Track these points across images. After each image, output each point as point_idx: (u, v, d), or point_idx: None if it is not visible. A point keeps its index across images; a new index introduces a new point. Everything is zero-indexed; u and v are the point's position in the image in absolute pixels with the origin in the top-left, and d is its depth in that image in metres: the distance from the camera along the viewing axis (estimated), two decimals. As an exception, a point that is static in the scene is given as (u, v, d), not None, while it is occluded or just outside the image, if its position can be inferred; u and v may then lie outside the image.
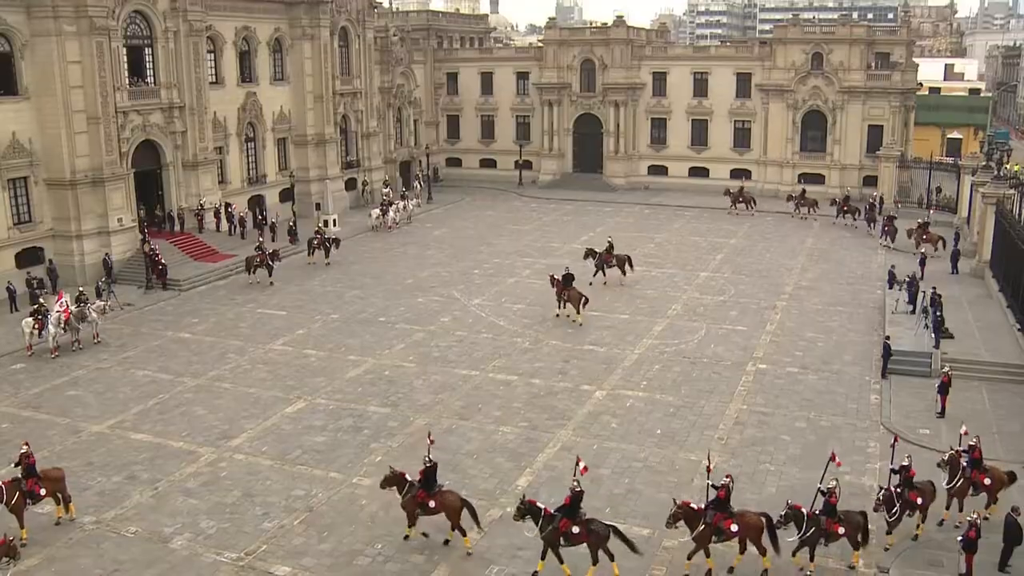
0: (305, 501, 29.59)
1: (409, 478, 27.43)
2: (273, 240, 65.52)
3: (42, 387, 40.47)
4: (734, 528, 25.29)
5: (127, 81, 59.22)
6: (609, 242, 58.10)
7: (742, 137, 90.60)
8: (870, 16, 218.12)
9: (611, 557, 25.16)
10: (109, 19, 56.18)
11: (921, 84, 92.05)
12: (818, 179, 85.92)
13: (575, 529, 24.96)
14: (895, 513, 26.55)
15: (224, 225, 66.47)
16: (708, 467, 26.81)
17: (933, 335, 42.43)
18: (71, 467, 31.26)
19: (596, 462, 32.22)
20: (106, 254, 56.80)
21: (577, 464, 26.29)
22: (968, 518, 25.35)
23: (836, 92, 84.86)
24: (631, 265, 56.39)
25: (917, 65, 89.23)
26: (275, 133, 76.31)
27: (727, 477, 26.44)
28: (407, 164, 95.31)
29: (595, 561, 25.13)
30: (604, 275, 56.18)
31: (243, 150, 73.20)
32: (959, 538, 25.29)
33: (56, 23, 53.98)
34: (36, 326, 44.18)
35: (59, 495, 28.43)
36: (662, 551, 26.54)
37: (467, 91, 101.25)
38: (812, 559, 25.64)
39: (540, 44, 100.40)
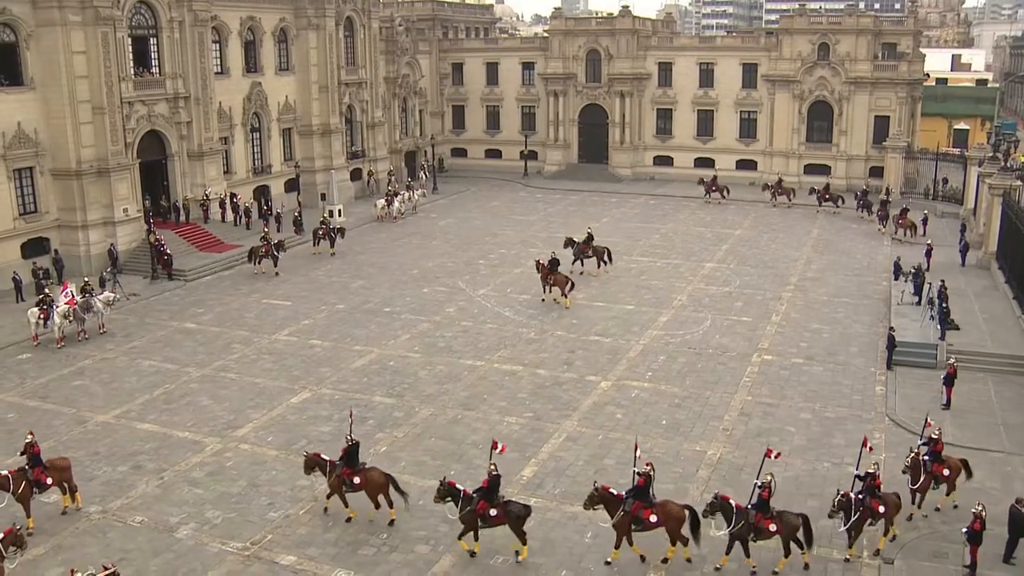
0: (310, 491, 29.64)
1: (327, 458, 28.21)
2: (278, 230, 65.58)
3: (48, 377, 40.56)
4: (653, 518, 25.26)
5: (132, 71, 59.20)
6: (588, 232, 58.23)
7: (748, 128, 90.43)
8: (877, 6, 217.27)
9: (524, 540, 25.78)
10: (114, 9, 56.13)
11: (928, 75, 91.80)
12: (824, 170, 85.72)
13: (492, 511, 25.66)
14: (854, 521, 25.65)
15: (229, 215, 66.53)
16: (636, 453, 26.79)
17: (939, 326, 42.37)
18: (77, 457, 31.37)
19: (601, 452, 32.28)
20: (111, 244, 56.88)
21: (494, 448, 26.93)
22: (973, 510, 25.26)
23: (842, 83, 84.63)
24: (609, 258, 56.49)
25: (924, 55, 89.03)
26: (280, 123, 76.27)
27: (648, 465, 26.22)
28: (412, 154, 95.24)
29: (524, 542, 25.85)
30: (582, 264, 56.43)
31: (248, 140, 73.20)
32: (964, 530, 25.29)
33: (61, 13, 53.94)
34: (41, 316, 44.29)
35: (65, 484, 28.54)
36: (664, 540, 26.47)
37: (472, 81, 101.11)
38: (747, 555, 25.38)
39: (545, 34, 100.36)
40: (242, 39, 71.59)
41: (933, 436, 28.68)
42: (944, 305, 43.04)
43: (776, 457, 26.45)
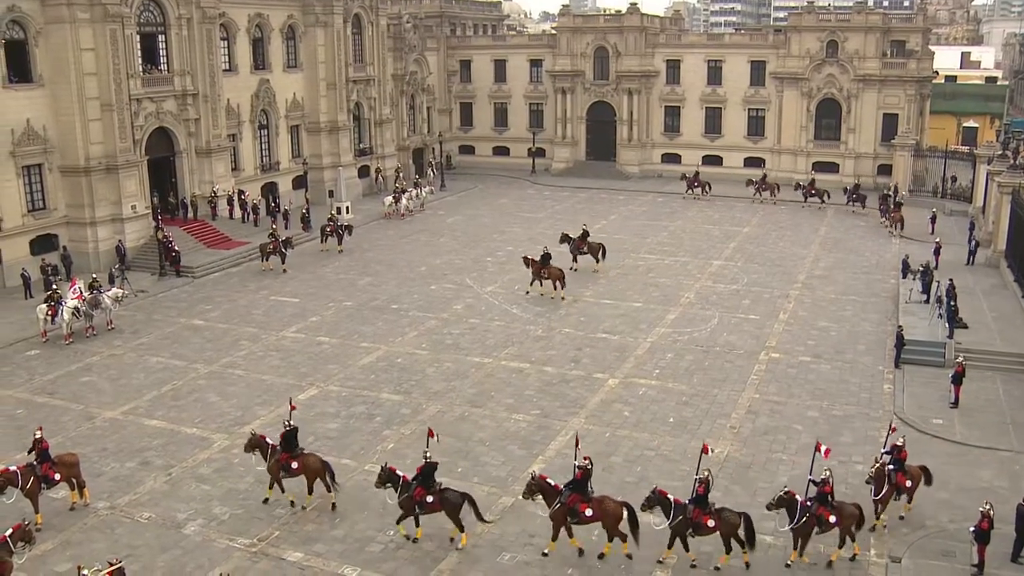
0: (318, 487, 29.60)
1: (270, 442, 28.75)
2: (286, 227, 65.63)
3: (56, 373, 40.68)
4: (589, 512, 25.39)
5: (141, 68, 59.28)
6: (584, 229, 58.36)
7: (756, 125, 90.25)
8: (886, 3, 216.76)
9: (461, 527, 26.27)
10: (123, 6, 56.21)
11: (937, 72, 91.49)
12: (832, 167, 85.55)
13: (429, 498, 26.18)
14: (799, 525, 25.15)
15: (237, 212, 66.58)
16: (577, 446, 26.93)
17: (947, 325, 42.26)
18: (85, 453, 31.45)
19: (608, 450, 32.26)
20: (120, 241, 57.01)
21: (430, 436, 27.80)
22: (981, 509, 25.17)
23: (851, 80, 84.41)
24: (604, 255, 56.68)
25: (933, 53, 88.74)
26: (288, 120, 76.35)
27: (586, 459, 26.25)
28: (420, 151, 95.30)
29: (461, 528, 26.34)
30: (576, 261, 56.69)
31: (256, 137, 73.29)
32: (971, 529, 25.22)
33: (70, 10, 54.05)
34: (50, 313, 44.38)
35: (73, 480, 28.64)
36: (666, 538, 26.47)
37: (480, 78, 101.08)
38: (687, 549, 25.43)
39: (554, 31, 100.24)
40: (250, 36, 71.68)
41: (897, 444, 28.02)
42: (952, 303, 42.92)
43: (711, 453, 26.60)
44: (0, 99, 52.67)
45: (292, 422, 29.28)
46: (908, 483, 27.55)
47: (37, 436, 28.50)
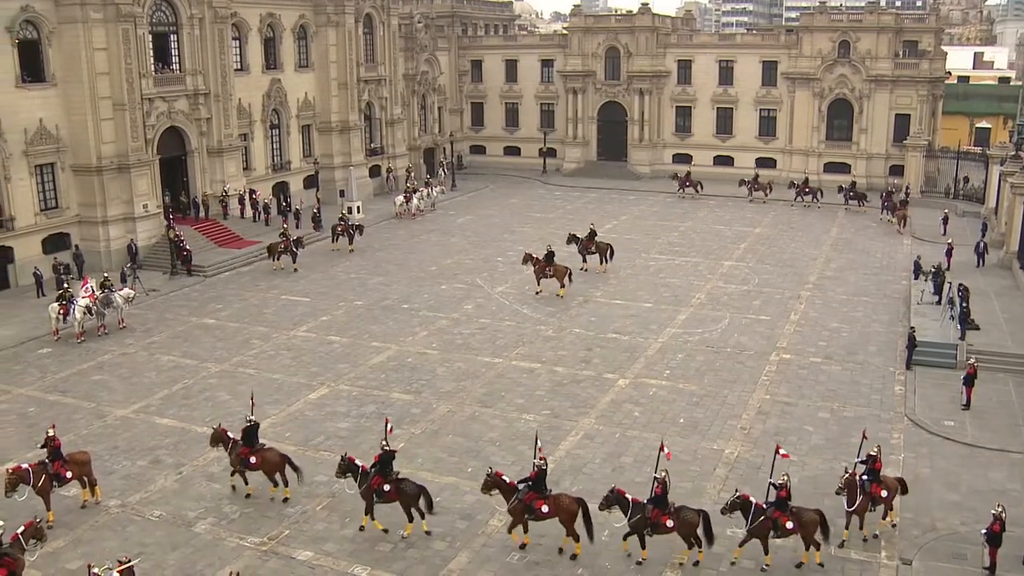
0: (328, 487, 29.70)
1: (231, 436, 29.42)
2: (297, 227, 65.79)
3: (68, 371, 40.83)
4: (544, 509, 25.67)
5: (153, 68, 59.47)
6: (591, 229, 58.31)
7: (767, 125, 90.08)
8: (898, 4, 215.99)
9: (419, 516, 26.82)
10: (135, 6, 56.41)
11: (950, 73, 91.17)
12: (844, 168, 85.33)
13: (386, 487, 26.69)
14: (754, 527, 25.14)
15: (248, 212, 66.75)
16: (537, 445, 27.13)
17: (959, 326, 42.10)
18: (97, 451, 31.58)
19: (618, 451, 32.24)
20: (131, 240, 57.20)
21: (386, 425, 28.46)
22: (993, 511, 25.06)
23: (863, 80, 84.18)
24: (611, 255, 56.73)
25: (946, 53, 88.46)
26: (299, 120, 76.51)
27: (541, 458, 26.49)
28: (431, 151, 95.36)
29: (410, 519, 26.85)
30: (585, 261, 56.75)
31: (268, 137, 73.47)
32: (983, 531, 25.10)
33: (83, 10, 54.25)
34: (62, 311, 44.55)
35: (85, 478, 28.75)
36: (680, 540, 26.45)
37: (491, 78, 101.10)
38: (643, 547, 25.56)
39: (565, 31, 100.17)
40: (262, 36, 71.85)
41: (871, 453, 27.24)
42: (964, 305, 42.75)
43: (668, 457, 26.60)
44: (13, 98, 52.88)
45: (253, 417, 29.92)
46: (884, 493, 26.65)
47: (50, 434, 28.63)
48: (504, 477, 26.39)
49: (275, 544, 26.68)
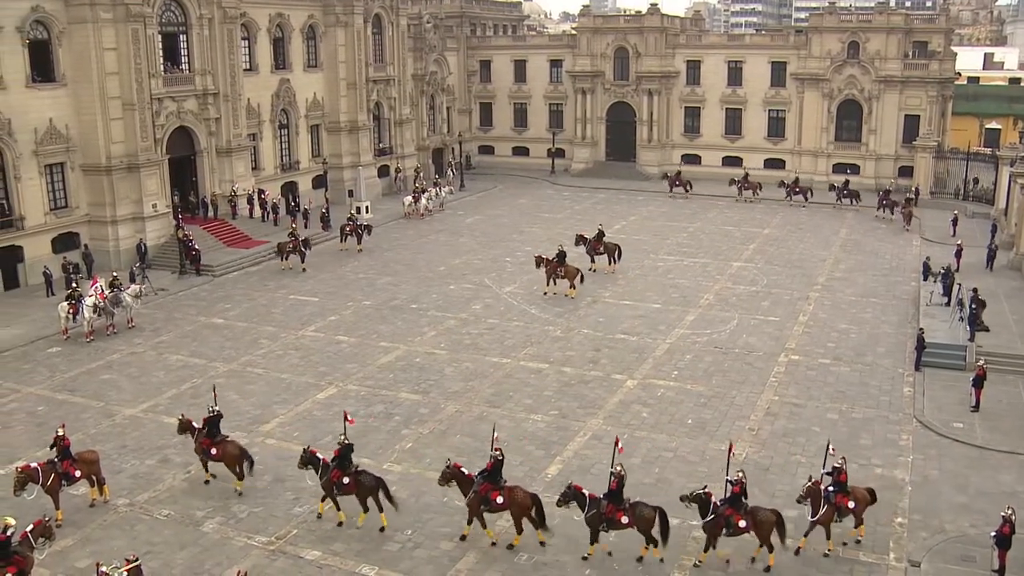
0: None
1: (196, 425, 30.38)
2: (306, 227, 65.91)
3: (77, 371, 40.93)
4: (499, 500, 26.14)
5: (162, 68, 59.60)
6: (599, 230, 58.34)
7: (776, 126, 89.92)
8: (908, 4, 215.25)
9: (374, 508, 27.36)
10: (145, 6, 56.54)
11: (959, 73, 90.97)
12: (853, 169, 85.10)
13: (345, 479, 27.37)
14: (707, 522, 25.27)
15: (257, 211, 66.88)
16: (494, 435, 27.83)
17: (968, 328, 41.96)
18: (105, 450, 31.66)
19: (627, 451, 32.11)
20: (140, 239, 57.36)
21: (345, 419, 29.28)
22: (1002, 514, 24.96)
23: (872, 81, 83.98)
24: (619, 256, 56.72)
25: (955, 54, 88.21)
26: (308, 120, 76.60)
27: (497, 450, 26.89)
28: (440, 151, 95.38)
29: (365, 509, 27.55)
30: (593, 262, 56.71)
31: (276, 137, 73.59)
32: (992, 533, 25.01)
33: (92, 10, 54.40)
34: (71, 310, 44.67)
35: (93, 477, 28.83)
36: (691, 541, 26.43)
37: (500, 79, 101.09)
38: (592, 542, 25.79)
39: (574, 32, 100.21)
40: (271, 36, 71.96)
41: (836, 465, 26.57)
42: (974, 307, 42.59)
43: (621, 451, 26.85)
44: (24, 98, 53.05)
45: (216, 407, 30.55)
46: (851, 504, 26.07)
47: (60, 433, 28.72)
48: (463, 469, 26.86)
49: (283, 543, 26.71)
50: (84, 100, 55.69)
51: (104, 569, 21.77)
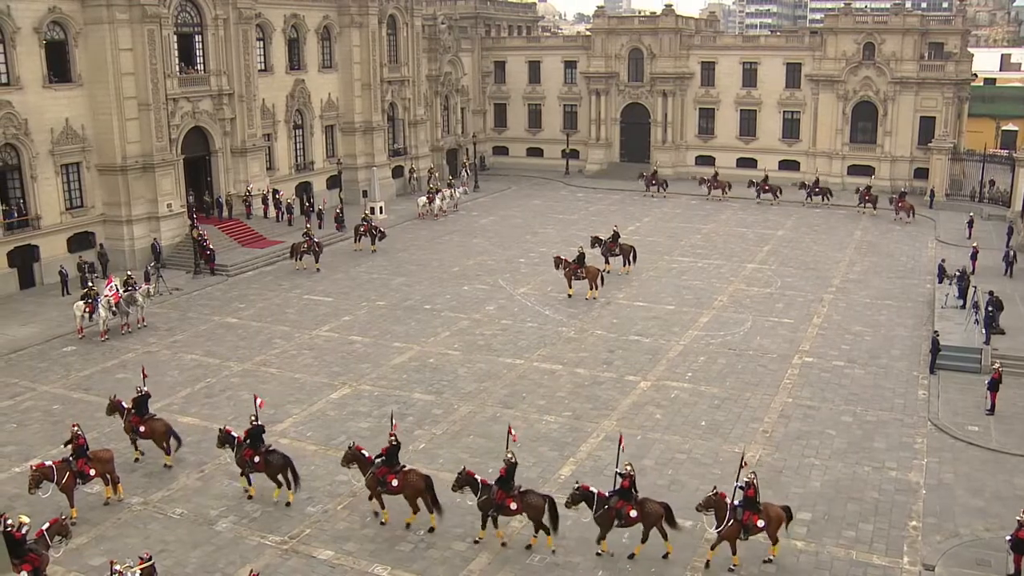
0: (349, 486, 29.77)
1: (126, 406, 31.87)
2: (320, 227, 66.05)
3: (92, 369, 41.11)
4: (395, 483, 27.34)
5: (177, 68, 59.84)
6: (615, 231, 58.24)
7: (791, 128, 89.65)
8: (924, 5, 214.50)
9: (278, 485, 29.03)
10: (160, 7, 56.79)
11: (976, 75, 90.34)
12: (868, 171, 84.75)
13: (256, 459, 28.95)
14: (599, 515, 25.64)
15: (272, 211, 67.07)
16: (392, 423, 29.06)
17: (983, 330, 41.75)
18: (120, 448, 31.74)
19: (640, 453, 32.12)
20: (155, 239, 57.59)
21: (255, 400, 30.78)
22: (1018, 518, 24.80)
23: (888, 83, 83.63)
24: (634, 258, 56.64)
25: (972, 55, 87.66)
26: (323, 120, 76.78)
27: (392, 435, 28.04)
28: (454, 152, 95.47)
29: (277, 485, 29.05)
30: (608, 263, 56.66)
31: (291, 137, 73.78)
32: (1007, 537, 24.90)
33: (109, 11, 54.66)
34: (86, 310, 44.91)
35: (108, 476, 28.94)
36: (704, 543, 26.35)
37: (515, 80, 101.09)
38: (484, 527, 26.63)
39: (588, 33, 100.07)
40: (286, 37, 72.15)
41: (747, 480, 25.56)
42: (990, 310, 42.36)
43: (515, 440, 27.86)
44: (40, 99, 53.34)
45: (145, 388, 32.06)
46: (760, 523, 25.10)
47: (74, 431, 28.85)
48: (363, 451, 28.12)
49: (296, 543, 26.77)
50: (100, 100, 55.95)
51: (118, 567, 21.87)
